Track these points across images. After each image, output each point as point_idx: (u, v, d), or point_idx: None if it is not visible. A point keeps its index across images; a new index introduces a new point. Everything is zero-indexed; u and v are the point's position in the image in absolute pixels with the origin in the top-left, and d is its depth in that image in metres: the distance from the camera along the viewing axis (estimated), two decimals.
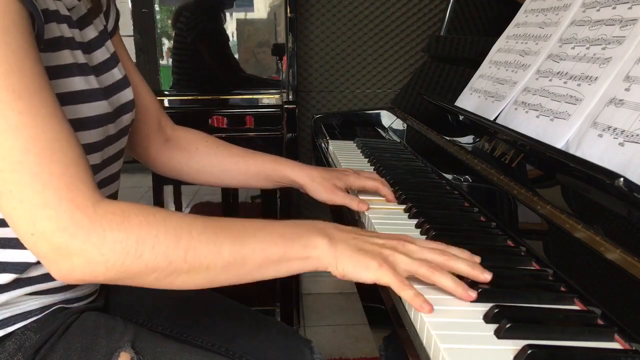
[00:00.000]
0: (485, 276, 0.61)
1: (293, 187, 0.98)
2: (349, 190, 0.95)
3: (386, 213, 0.87)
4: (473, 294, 0.59)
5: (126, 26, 1.78)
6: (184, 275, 0.59)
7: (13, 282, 0.67)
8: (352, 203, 0.89)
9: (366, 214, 0.86)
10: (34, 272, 0.69)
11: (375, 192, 0.93)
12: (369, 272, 0.61)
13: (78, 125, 0.64)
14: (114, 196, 0.80)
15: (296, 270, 0.63)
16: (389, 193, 0.92)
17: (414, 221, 0.82)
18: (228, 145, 0.99)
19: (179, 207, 2.17)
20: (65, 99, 0.66)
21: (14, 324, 0.70)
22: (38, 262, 0.68)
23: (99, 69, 0.77)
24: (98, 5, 0.80)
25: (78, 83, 0.69)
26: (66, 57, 0.68)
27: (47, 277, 0.70)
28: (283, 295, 1.89)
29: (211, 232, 0.60)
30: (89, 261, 0.55)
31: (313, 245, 0.62)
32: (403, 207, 0.88)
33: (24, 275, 0.68)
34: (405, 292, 0.59)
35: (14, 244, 0.66)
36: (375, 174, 0.98)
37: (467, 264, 0.62)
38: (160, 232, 0.57)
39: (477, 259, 0.64)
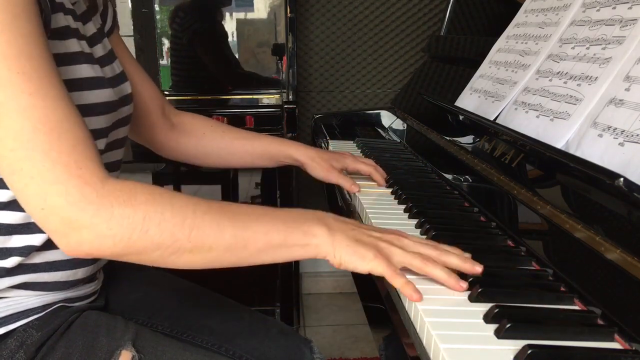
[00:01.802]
0: (476, 268, 0.63)
1: (293, 166, 1.05)
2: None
3: (382, 205, 0.87)
4: (464, 284, 0.61)
5: (126, 26, 1.78)
6: (188, 254, 0.60)
7: (17, 267, 0.69)
8: (345, 183, 0.96)
9: (368, 215, 0.86)
10: (38, 259, 0.71)
11: (368, 177, 1.01)
12: (364, 262, 0.63)
13: (84, 111, 0.66)
14: None
15: (296, 257, 0.65)
16: (380, 179, 0.99)
17: (414, 221, 0.82)
18: (232, 128, 1.05)
19: None
20: (73, 86, 0.67)
21: (15, 321, 0.70)
22: (41, 248, 0.70)
23: (101, 61, 0.79)
24: (94, 5, 0.82)
25: (85, 70, 0.71)
26: (73, 45, 0.70)
27: (50, 266, 0.72)
28: (283, 295, 1.89)
29: (215, 213, 0.61)
30: (98, 235, 0.56)
31: (312, 234, 0.64)
32: (403, 206, 0.88)
33: (28, 261, 0.70)
34: (396, 280, 0.61)
35: (20, 229, 0.68)
36: (371, 161, 1.05)
37: (459, 258, 0.64)
38: (166, 210, 0.59)
39: (468, 255, 0.66)
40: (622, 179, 0.56)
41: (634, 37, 0.72)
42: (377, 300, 0.68)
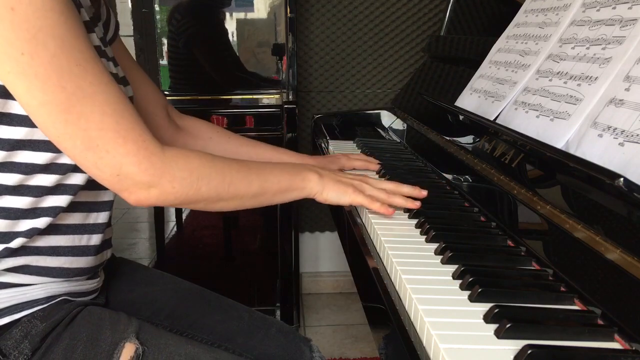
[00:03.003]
0: (416, 203, 0.85)
1: None
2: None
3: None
4: (418, 203, 0.84)
5: (126, 26, 1.78)
6: (224, 202, 0.77)
7: (21, 249, 0.71)
8: None
9: (368, 215, 0.86)
10: (40, 242, 0.73)
11: (365, 169, 1.08)
12: (345, 196, 0.85)
13: None
14: None
15: (295, 197, 0.84)
16: (375, 166, 1.08)
17: (414, 221, 0.82)
18: (236, 135, 1.09)
19: (178, 208, 2.17)
20: None
21: (20, 311, 0.72)
22: (44, 231, 0.72)
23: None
24: (98, 15, 0.82)
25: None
26: (94, 40, 0.73)
27: (52, 250, 0.74)
28: (283, 295, 1.89)
29: (245, 170, 0.78)
30: (163, 192, 0.70)
31: (308, 179, 0.84)
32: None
33: (31, 244, 0.72)
34: (373, 205, 0.83)
35: (28, 214, 0.70)
36: (363, 155, 1.13)
37: (403, 198, 0.85)
38: (212, 171, 0.74)
39: (423, 193, 0.87)
40: (622, 179, 0.56)
41: (634, 37, 0.72)
42: (377, 300, 0.68)
